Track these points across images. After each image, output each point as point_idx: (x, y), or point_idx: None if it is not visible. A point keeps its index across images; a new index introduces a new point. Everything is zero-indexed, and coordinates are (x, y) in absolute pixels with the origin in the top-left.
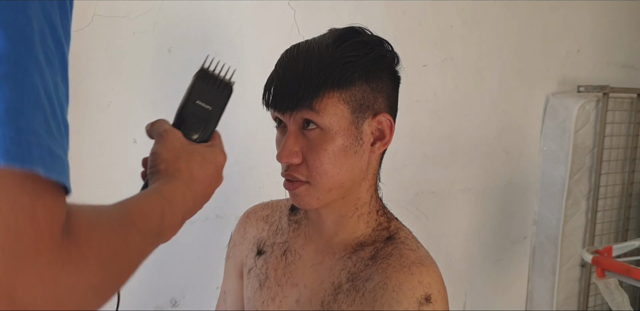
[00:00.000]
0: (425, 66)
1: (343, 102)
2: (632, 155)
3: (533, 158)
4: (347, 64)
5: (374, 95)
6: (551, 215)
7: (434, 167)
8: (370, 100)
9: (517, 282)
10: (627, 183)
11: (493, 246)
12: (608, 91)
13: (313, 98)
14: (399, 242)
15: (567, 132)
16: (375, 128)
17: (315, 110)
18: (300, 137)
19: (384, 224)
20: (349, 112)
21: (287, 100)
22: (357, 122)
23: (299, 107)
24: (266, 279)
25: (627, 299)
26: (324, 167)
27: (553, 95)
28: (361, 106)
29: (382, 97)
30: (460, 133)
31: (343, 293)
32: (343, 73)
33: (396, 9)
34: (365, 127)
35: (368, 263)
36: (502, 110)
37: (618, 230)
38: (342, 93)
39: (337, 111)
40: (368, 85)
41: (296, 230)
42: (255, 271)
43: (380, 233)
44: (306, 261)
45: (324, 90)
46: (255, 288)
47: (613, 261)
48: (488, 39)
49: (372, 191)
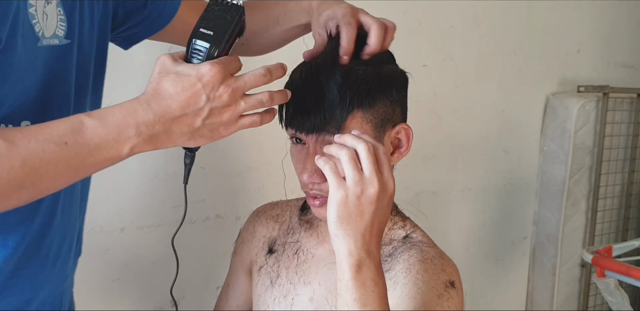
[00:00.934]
0: (425, 66)
1: (367, 121)
2: (632, 155)
3: (533, 158)
4: (368, 83)
5: (393, 108)
6: (551, 215)
7: (434, 167)
8: (390, 113)
9: (517, 282)
10: (627, 183)
11: (493, 246)
12: (608, 91)
13: (340, 122)
14: (417, 241)
15: (567, 132)
16: (394, 138)
17: (341, 133)
18: (323, 155)
19: (399, 223)
20: (372, 129)
21: (311, 123)
22: (380, 137)
23: (323, 130)
24: (277, 277)
25: (627, 299)
26: None
27: (553, 95)
28: (382, 121)
29: (399, 108)
30: (460, 133)
31: None
32: (367, 91)
33: (396, 9)
34: (386, 140)
35: (387, 259)
36: (502, 110)
37: (618, 230)
38: (365, 112)
39: (361, 130)
40: (388, 98)
41: (308, 230)
42: (267, 269)
43: (396, 232)
44: (320, 260)
45: (349, 111)
46: (267, 286)
47: (613, 261)
48: (488, 39)
49: None
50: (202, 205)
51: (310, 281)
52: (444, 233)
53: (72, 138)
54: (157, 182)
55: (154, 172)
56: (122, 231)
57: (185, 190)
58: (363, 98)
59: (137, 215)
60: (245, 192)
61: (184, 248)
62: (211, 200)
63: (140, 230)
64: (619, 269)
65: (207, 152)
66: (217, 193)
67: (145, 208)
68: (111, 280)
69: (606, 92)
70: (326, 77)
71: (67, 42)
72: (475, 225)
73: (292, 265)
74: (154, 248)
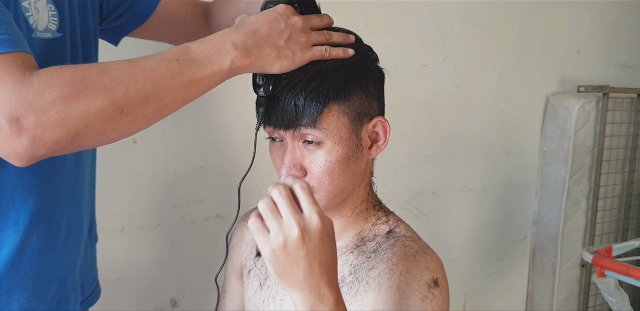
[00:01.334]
0: (425, 66)
1: (343, 113)
2: (632, 155)
3: (533, 158)
4: (343, 75)
5: (369, 101)
6: (551, 215)
7: (434, 167)
8: (366, 107)
9: (517, 282)
10: (627, 183)
11: (493, 246)
12: (608, 91)
13: (315, 115)
14: (400, 235)
15: (567, 132)
16: (371, 131)
17: (317, 126)
18: (301, 151)
19: (383, 218)
20: (349, 123)
21: (287, 119)
22: (357, 130)
23: (299, 124)
24: (266, 279)
25: (627, 299)
26: (329, 177)
27: (553, 95)
28: (359, 114)
29: (375, 100)
30: (460, 133)
31: (347, 286)
32: (342, 84)
33: (396, 9)
34: (364, 133)
35: (370, 256)
36: (502, 110)
37: (618, 230)
38: (341, 105)
39: (338, 124)
40: (363, 92)
41: None
42: (255, 272)
43: (380, 228)
44: None
45: (325, 104)
46: (256, 288)
47: (613, 261)
48: (488, 39)
49: (368, 188)
50: (202, 205)
51: None
52: (444, 233)
53: (182, 56)
54: (157, 181)
55: (154, 172)
56: (122, 231)
57: (255, 145)
58: (339, 91)
59: (137, 215)
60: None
61: (184, 248)
62: (211, 200)
63: (140, 230)
64: (619, 269)
65: (207, 152)
66: (217, 193)
67: (145, 208)
68: (111, 280)
69: (606, 92)
70: (301, 71)
71: (59, 35)
72: (475, 225)
73: None
74: (154, 248)
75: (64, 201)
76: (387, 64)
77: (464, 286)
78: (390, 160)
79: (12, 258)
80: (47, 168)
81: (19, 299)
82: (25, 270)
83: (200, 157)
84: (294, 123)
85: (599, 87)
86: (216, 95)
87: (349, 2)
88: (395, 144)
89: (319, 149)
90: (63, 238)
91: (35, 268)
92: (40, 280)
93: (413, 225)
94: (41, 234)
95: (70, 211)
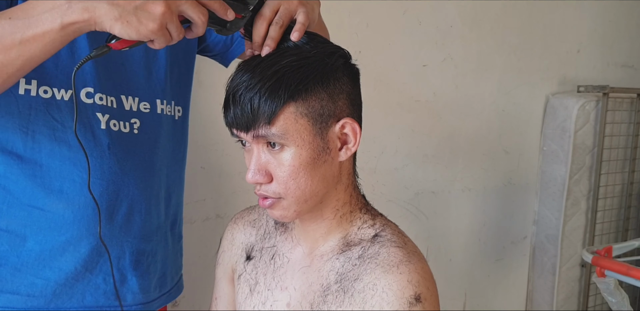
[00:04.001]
0: (425, 66)
1: (301, 115)
2: (632, 155)
3: (533, 158)
4: (302, 73)
5: (333, 101)
6: (551, 215)
7: (434, 167)
8: (331, 108)
9: (517, 282)
10: (627, 183)
11: (493, 246)
12: (608, 91)
13: (270, 115)
14: (386, 240)
15: (567, 132)
16: (340, 133)
17: (273, 127)
18: (266, 155)
19: (369, 221)
20: (310, 125)
21: (245, 120)
22: (322, 133)
23: (256, 125)
24: (256, 284)
25: (627, 299)
26: (295, 182)
27: (553, 95)
28: (322, 116)
29: (342, 99)
30: (460, 133)
31: (332, 295)
32: (299, 84)
33: (396, 9)
34: (331, 135)
35: (356, 263)
36: (502, 110)
37: (618, 230)
38: (298, 106)
39: (297, 126)
40: (325, 91)
41: (283, 233)
42: (245, 277)
43: (365, 231)
44: (295, 264)
45: (278, 104)
46: (246, 294)
47: (613, 261)
48: (488, 39)
49: (350, 190)
50: (202, 205)
51: (287, 286)
52: (444, 233)
53: (16, 14)
54: None
55: None
56: None
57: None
58: (294, 91)
59: None
60: (245, 192)
61: (184, 247)
62: (211, 200)
63: None
64: (619, 269)
65: (207, 152)
66: (217, 193)
67: None
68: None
69: (606, 92)
70: (253, 69)
71: None
72: (475, 225)
73: (270, 270)
74: None
75: (127, 188)
76: (387, 64)
77: (464, 286)
78: (390, 160)
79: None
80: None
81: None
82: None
83: (200, 157)
84: (251, 124)
85: (599, 87)
86: (216, 95)
87: (349, 2)
88: (395, 144)
89: (282, 153)
90: (123, 217)
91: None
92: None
93: (413, 225)
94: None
95: (133, 194)
